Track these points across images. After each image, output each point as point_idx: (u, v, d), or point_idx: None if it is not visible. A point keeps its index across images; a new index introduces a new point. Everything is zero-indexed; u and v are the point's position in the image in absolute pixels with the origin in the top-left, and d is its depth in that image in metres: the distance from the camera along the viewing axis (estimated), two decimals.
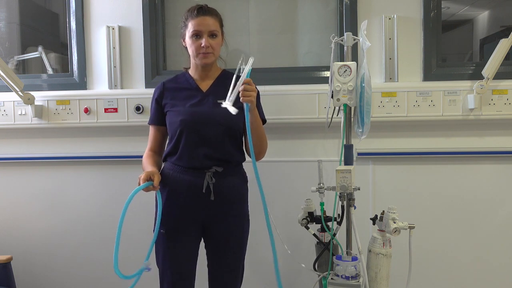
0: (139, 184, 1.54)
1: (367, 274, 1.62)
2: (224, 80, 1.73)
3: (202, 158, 1.63)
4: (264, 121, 1.75)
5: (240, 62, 1.50)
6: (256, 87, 1.53)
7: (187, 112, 1.65)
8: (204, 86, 1.72)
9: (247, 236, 1.75)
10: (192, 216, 1.67)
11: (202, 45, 1.62)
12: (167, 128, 1.71)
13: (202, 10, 1.65)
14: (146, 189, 1.55)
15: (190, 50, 1.67)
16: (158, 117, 1.73)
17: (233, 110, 1.46)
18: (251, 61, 1.48)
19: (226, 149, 1.65)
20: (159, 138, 1.76)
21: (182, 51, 1.78)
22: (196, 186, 1.64)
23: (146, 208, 1.81)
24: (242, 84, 1.47)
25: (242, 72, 1.49)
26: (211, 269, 1.75)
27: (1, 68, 2.06)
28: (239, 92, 1.48)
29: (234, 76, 1.51)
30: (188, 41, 1.67)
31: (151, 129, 1.77)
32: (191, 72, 1.75)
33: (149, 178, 1.56)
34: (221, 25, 1.71)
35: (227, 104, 1.47)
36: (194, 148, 1.63)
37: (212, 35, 1.64)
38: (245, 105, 1.48)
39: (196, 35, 1.63)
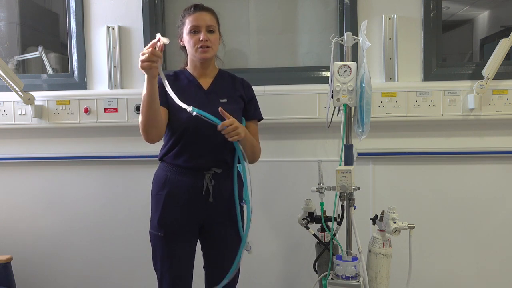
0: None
1: (367, 274, 1.62)
2: (222, 80, 1.74)
3: (202, 158, 1.63)
4: (260, 119, 1.80)
5: None
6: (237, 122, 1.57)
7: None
8: (205, 84, 1.71)
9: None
10: (191, 218, 1.66)
11: (201, 38, 1.61)
12: (169, 127, 1.65)
13: (199, 7, 1.66)
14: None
15: (189, 46, 1.66)
16: (162, 99, 1.59)
17: None
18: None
19: (225, 149, 1.65)
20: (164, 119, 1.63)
21: (180, 52, 1.77)
22: (196, 188, 1.63)
23: (147, 209, 1.81)
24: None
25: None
26: (208, 270, 1.75)
27: (1, 68, 2.06)
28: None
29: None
30: (186, 37, 1.66)
31: None
32: (189, 70, 1.73)
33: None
34: (218, 23, 1.71)
35: None
36: (195, 148, 1.62)
37: (209, 30, 1.64)
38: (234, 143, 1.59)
39: (194, 30, 1.63)
